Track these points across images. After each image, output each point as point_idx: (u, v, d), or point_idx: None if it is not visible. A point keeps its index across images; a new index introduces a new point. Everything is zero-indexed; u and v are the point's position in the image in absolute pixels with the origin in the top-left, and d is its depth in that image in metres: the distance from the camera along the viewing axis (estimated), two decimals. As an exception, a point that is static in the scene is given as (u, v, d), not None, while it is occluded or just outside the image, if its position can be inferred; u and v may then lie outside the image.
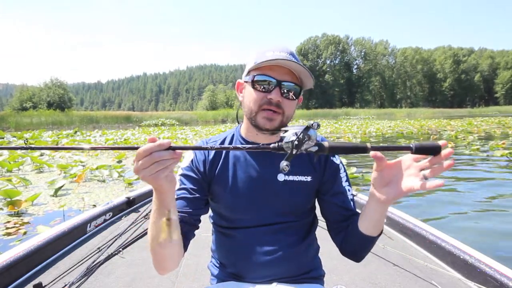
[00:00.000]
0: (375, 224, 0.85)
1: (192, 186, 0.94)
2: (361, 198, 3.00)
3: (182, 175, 0.97)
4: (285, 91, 0.88)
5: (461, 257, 1.79)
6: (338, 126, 20.77)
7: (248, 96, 0.92)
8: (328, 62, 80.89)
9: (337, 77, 79.27)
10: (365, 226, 0.86)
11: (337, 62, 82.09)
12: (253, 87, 0.90)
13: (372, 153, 0.70)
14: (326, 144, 0.70)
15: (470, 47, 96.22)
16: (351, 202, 0.98)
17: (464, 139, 11.63)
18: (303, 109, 59.10)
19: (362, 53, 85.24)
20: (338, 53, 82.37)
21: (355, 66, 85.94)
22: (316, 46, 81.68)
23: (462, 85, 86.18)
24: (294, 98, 0.91)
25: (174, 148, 0.65)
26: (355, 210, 0.98)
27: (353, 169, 5.86)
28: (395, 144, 0.69)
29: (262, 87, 0.89)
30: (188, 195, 0.93)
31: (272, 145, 0.70)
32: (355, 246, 0.93)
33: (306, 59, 78.54)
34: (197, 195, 0.94)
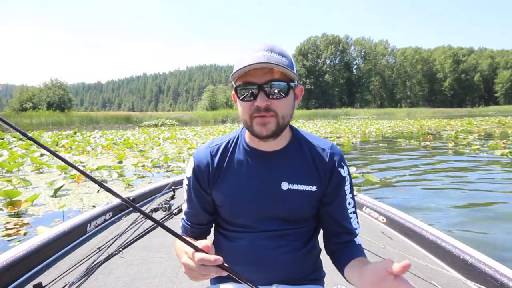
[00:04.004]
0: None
1: (199, 200, 0.97)
2: (361, 198, 3.00)
3: (188, 186, 0.98)
4: (271, 92, 0.82)
5: (461, 257, 1.78)
6: (338, 126, 20.78)
7: (239, 108, 0.88)
8: (328, 62, 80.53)
9: (337, 77, 79.06)
10: (349, 275, 0.86)
11: (337, 62, 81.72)
12: (239, 98, 0.86)
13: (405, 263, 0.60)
14: None
15: (470, 46, 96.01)
16: (350, 220, 0.96)
17: (464, 139, 11.61)
18: (303, 109, 59.03)
19: (362, 53, 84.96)
20: (338, 53, 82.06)
21: (355, 66, 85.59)
22: (316, 46, 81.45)
23: (462, 84, 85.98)
24: (284, 95, 0.84)
25: (224, 268, 0.67)
26: (351, 227, 0.95)
27: (353, 169, 5.86)
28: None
29: (246, 96, 0.84)
30: (198, 210, 0.98)
31: None
32: (339, 269, 0.93)
33: (306, 59, 78.44)
34: (206, 207, 0.98)
